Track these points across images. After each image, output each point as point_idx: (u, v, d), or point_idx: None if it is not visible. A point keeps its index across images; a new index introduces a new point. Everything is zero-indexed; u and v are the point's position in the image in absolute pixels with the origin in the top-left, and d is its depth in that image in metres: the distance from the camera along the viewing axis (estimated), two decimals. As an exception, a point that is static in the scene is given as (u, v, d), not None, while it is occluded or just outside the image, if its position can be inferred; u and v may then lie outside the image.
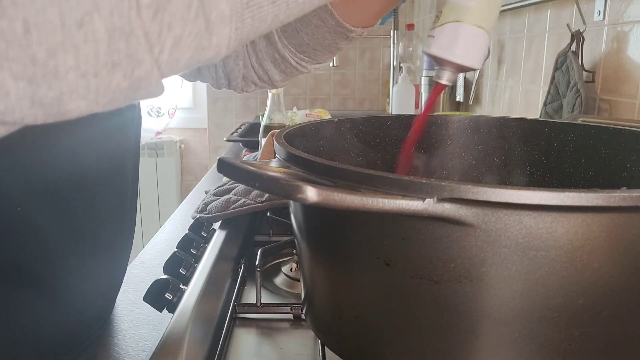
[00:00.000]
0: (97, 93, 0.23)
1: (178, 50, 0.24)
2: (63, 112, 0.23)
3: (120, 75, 0.23)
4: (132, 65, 0.23)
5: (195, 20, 0.24)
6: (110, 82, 0.23)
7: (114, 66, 0.22)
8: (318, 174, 0.32)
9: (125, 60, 0.23)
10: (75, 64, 0.22)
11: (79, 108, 0.23)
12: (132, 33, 0.22)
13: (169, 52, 0.24)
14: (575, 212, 0.27)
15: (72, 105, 0.22)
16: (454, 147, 0.57)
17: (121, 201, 0.49)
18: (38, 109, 0.22)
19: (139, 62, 0.23)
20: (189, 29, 0.24)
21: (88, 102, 0.23)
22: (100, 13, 0.21)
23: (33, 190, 0.38)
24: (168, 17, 0.23)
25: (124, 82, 0.23)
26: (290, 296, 0.59)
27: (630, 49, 0.86)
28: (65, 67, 0.21)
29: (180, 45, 0.24)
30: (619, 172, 0.47)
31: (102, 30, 0.21)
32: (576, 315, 0.29)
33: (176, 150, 2.70)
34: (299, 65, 0.53)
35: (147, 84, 0.24)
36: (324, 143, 0.50)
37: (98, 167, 0.43)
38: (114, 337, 0.51)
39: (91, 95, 0.23)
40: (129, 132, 0.48)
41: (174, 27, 0.23)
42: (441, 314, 0.31)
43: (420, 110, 0.48)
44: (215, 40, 0.25)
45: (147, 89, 0.25)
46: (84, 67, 0.22)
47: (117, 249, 0.50)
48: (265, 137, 1.01)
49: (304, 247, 0.40)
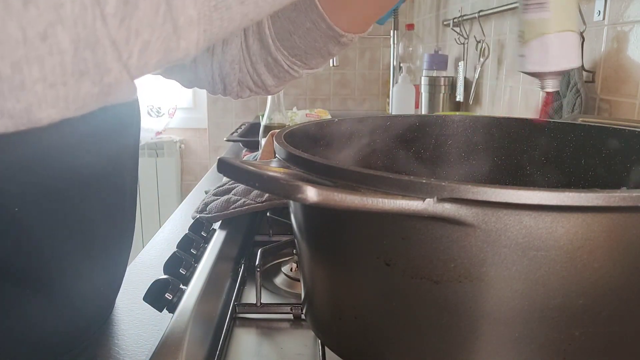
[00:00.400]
0: (66, 101, 0.23)
1: (147, 55, 0.24)
2: (34, 120, 0.23)
3: (90, 83, 0.23)
4: (101, 73, 0.23)
5: (163, 25, 0.24)
6: (79, 90, 0.23)
7: (81, 75, 0.22)
8: (318, 174, 0.32)
9: (93, 69, 0.23)
10: (42, 76, 0.22)
11: (50, 116, 0.23)
12: (98, 42, 0.22)
13: (138, 57, 0.24)
14: (575, 212, 0.27)
15: (42, 114, 0.23)
16: (454, 147, 0.57)
17: (120, 201, 0.49)
18: (7, 120, 0.22)
19: (108, 70, 0.23)
20: (157, 33, 0.24)
21: (58, 109, 0.23)
22: (63, 24, 0.21)
23: (31, 190, 0.38)
24: (135, 23, 0.23)
25: (94, 88, 0.23)
26: (290, 296, 0.59)
27: (630, 49, 0.86)
28: (31, 79, 0.21)
29: (148, 49, 0.24)
30: (619, 172, 0.47)
31: (67, 41, 0.21)
32: (576, 315, 0.29)
33: (176, 150, 2.70)
34: (291, 70, 0.53)
35: (118, 88, 0.24)
36: (324, 143, 0.50)
37: (97, 167, 0.43)
38: (114, 337, 0.51)
39: (61, 103, 0.23)
40: (128, 132, 0.48)
41: (141, 32, 0.23)
42: (441, 314, 0.31)
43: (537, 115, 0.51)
44: (184, 43, 0.25)
45: (118, 94, 0.25)
46: (51, 78, 0.22)
47: (117, 249, 0.50)
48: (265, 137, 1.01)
49: (304, 247, 0.40)
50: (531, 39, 0.41)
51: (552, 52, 0.41)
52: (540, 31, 0.41)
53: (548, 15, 0.40)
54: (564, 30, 0.40)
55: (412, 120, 0.56)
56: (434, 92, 1.72)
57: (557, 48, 0.41)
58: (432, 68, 1.78)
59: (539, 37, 0.41)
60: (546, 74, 0.42)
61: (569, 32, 0.41)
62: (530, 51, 0.41)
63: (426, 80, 1.73)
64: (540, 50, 0.41)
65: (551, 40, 0.40)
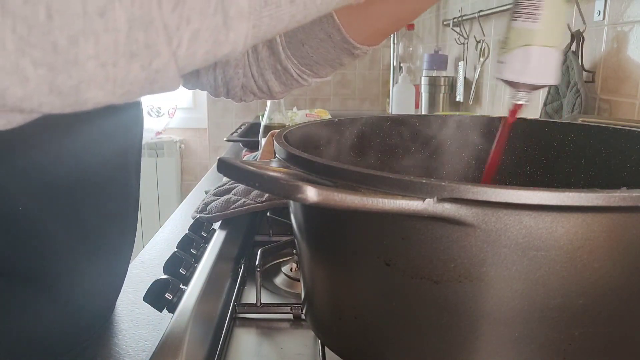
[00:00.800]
0: (114, 83, 0.23)
1: (195, 44, 0.24)
2: (80, 101, 0.23)
3: (138, 66, 0.23)
4: (150, 56, 0.23)
5: (214, 15, 0.24)
6: (128, 73, 0.23)
7: (132, 56, 0.23)
8: (318, 174, 0.32)
9: (144, 51, 0.23)
10: (95, 53, 0.22)
11: (96, 98, 0.23)
12: (152, 24, 0.22)
13: (187, 46, 0.24)
14: (575, 212, 0.27)
15: (90, 94, 0.23)
16: (454, 147, 0.57)
17: (124, 200, 0.49)
18: (55, 97, 0.22)
19: (157, 53, 0.23)
20: (207, 23, 0.24)
21: (105, 92, 0.23)
22: (121, 2, 0.21)
23: (36, 190, 0.38)
24: (187, 10, 0.23)
25: (142, 73, 0.23)
26: (290, 296, 0.59)
27: (630, 49, 0.86)
28: (86, 55, 0.22)
29: (197, 39, 0.24)
30: (619, 172, 0.47)
31: (123, 19, 0.22)
32: (576, 315, 0.29)
33: (176, 150, 2.70)
34: (300, 78, 0.53)
35: (164, 76, 0.24)
36: (324, 143, 0.50)
37: (101, 168, 0.43)
38: (114, 337, 0.51)
39: (109, 85, 0.23)
40: (132, 131, 0.48)
41: (192, 20, 0.23)
42: (441, 314, 0.31)
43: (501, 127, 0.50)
44: (233, 36, 0.25)
45: (163, 82, 0.25)
46: (104, 56, 0.22)
47: (120, 248, 0.50)
48: (265, 137, 1.01)
49: (304, 247, 0.40)
50: (515, 47, 0.41)
51: (532, 64, 0.40)
52: (525, 41, 0.40)
53: (536, 27, 0.40)
54: (549, 45, 0.40)
55: (412, 120, 0.56)
56: (434, 92, 1.72)
57: (539, 61, 0.40)
58: (432, 68, 1.78)
59: (523, 47, 0.40)
60: (521, 85, 0.42)
61: (553, 49, 0.41)
62: (511, 59, 0.41)
63: (426, 80, 1.73)
64: (522, 60, 0.41)
65: (534, 53, 0.40)
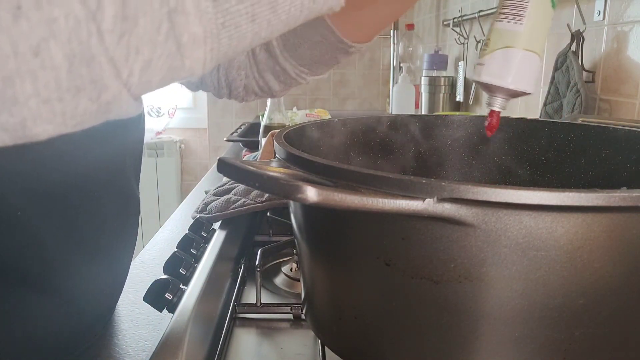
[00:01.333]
0: (63, 117, 0.22)
1: (149, 73, 0.23)
2: (30, 135, 0.22)
3: (87, 100, 0.22)
4: (98, 90, 0.22)
5: (165, 43, 0.23)
6: (76, 106, 0.22)
7: (78, 91, 0.22)
8: (318, 174, 0.32)
9: (90, 85, 0.22)
10: (35, 91, 0.21)
11: (47, 131, 0.22)
12: (94, 59, 0.21)
13: (139, 75, 0.23)
14: (575, 212, 0.27)
15: (38, 129, 0.22)
16: (454, 147, 0.57)
17: (125, 202, 0.49)
18: (2, 133, 0.22)
19: (105, 87, 0.22)
20: (159, 51, 0.23)
21: (55, 125, 0.22)
22: (56, 39, 0.21)
23: (34, 193, 0.38)
24: (135, 40, 0.22)
25: (92, 105, 0.23)
26: (290, 296, 0.59)
27: (630, 49, 0.86)
28: (24, 94, 0.21)
29: (150, 68, 0.23)
30: (619, 172, 0.47)
31: (60, 56, 0.21)
32: (576, 315, 0.29)
33: (176, 150, 2.70)
34: (299, 77, 0.54)
35: (118, 106, 0.24)
36: (324, 143, 0.50)
37: (101, 170, 0.43)
38: (114, 337, 0.51)
39: (57, 119, 0.22)
40: (133, 134, 0.48)
41: (142, 50, 0.22)
42: (441, 314, 0.31)
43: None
44: (189, 62, 0.24)
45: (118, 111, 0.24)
46: (45, 93, 0.21)
47: (120, 250, 0.50)
48: (265, 137, 1.01)
49: (304, 247, 0.40)
50: (496, 49, 0.39)
51: (513, 68, 0.39)
52: (507, 43, 0.39)
53: (520, 29, 0.38)
54: (531, 50, 0.39)
55: (412, 120, 0.56)
56: (434, 92, 1.72)
57: (519, 65, 0.39)
58: (432, 68, 1.78)
59: (504, 49, 0.39)
60: (498, 90, 0.40)
61: (535, 55, 0.39)
62: (491, 61, 0.40)
63: (426, 80, 1.73)
64: (502, 63, 0.39)
65: (516, 55, 0.39)
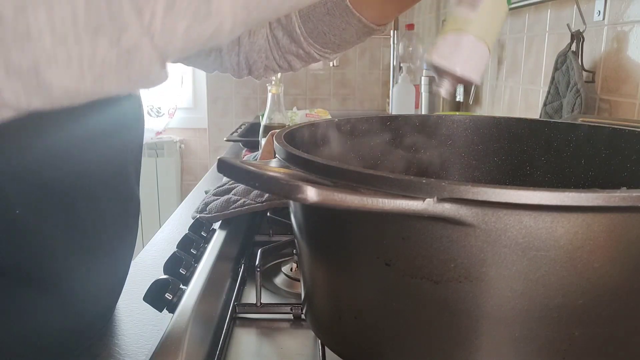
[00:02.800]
0: (80, 63, 0.20)
1: (172, 16, 0.21)
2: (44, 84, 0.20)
3: (106, 42, 0.20)
4: (118, 30, 0.20)
5: None
6: (94, 51, 0.20)
7: (96, 32, 0.20)
8: (318, 174, 0.32)
9: (109, 23, 0.20)
10: (50, 25, 0.19)
11: (62, 82, 0.20)
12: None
13: (162, 17, 0.21)
14: (575, 212, 0.27)
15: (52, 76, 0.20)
16: (454, 147, 0.57)
17: (125, 202, 0.49)
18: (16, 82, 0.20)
19: (125, 26, 0.20)
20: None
21: (72, 74, 0.20)
22: None
23: (33, 192, 0.38)
24: None
25: (111, 51, 0.21)
26: (290, 296, 0.59)
27: (630, 49, 0.86)
28: (38, 26, 0.19)
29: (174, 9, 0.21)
30: (619, 172, 0.47)
31: None
32: (576, 315, 0.29)
33: (176, 150, 2.70)
34: (323, 57, 0.56)
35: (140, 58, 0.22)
36: (324, 143, 0.50)
37: (101, 169, 0.43)
38: (114, 337, 0.51)
39: (74, 65, 0.20)
40: (132, 133, 0.48)
41: None
42: (441, 314, 0.31)
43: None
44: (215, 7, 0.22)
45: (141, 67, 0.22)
46: (61, 29, 0.19)
47: (120, 250, 0.50)
48: (265, 137, 1.01)
49: (304, 247, 0.40)
50: (449, 31, 0.41)
51: (461, 52, 0.40)
52: (460, 27, 0.40)
53: (473, 17, 0.40)
54: (481, 38, 0.40)
55: (412, 120, 0.56)
56: (434, 92, 1.72)
57: (468, 51, 0.40)
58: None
59: (456, 32, 0.40)
60: (445, 74, 0.42)
61: (484, 45, 0.41)
62: (443, 42, 0.41)
63: (426, 80, 1.73)
64: (452, 45, 0.41)
65: (466, 40, 0.40)
